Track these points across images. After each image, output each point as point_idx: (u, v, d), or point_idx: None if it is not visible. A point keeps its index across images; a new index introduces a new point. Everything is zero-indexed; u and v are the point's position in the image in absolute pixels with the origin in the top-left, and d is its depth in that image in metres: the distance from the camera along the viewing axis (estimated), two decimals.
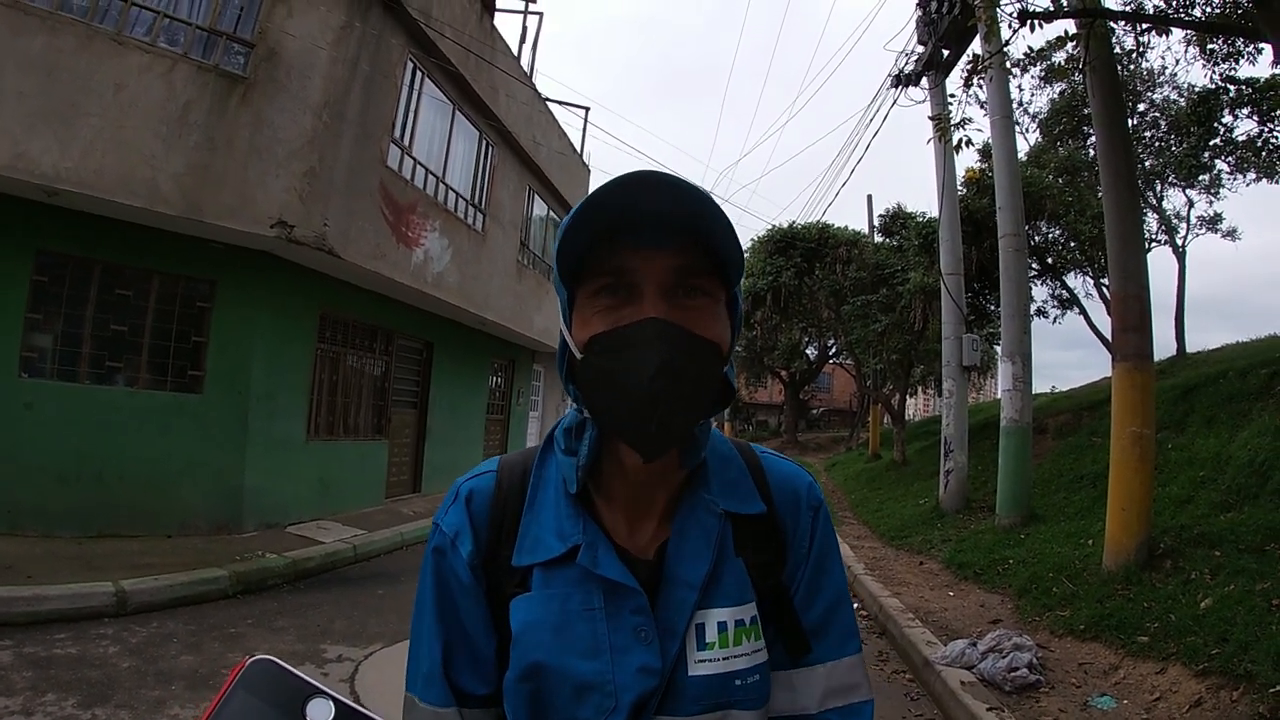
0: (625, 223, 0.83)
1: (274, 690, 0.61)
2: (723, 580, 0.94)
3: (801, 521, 1.01)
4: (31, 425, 7.20)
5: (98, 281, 7.63)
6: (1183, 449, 8.12)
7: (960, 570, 7.85)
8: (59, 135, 6.70)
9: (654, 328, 0.83)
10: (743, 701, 0.91)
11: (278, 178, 7.72)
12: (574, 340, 0.89)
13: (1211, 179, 16.11)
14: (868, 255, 18.34)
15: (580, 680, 0.89)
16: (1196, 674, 4.28)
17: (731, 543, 0.96)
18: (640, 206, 0.81)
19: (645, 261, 0.85)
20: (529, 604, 0.92)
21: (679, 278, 0.86)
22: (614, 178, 0.81)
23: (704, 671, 0.90)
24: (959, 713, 4.53)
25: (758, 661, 0.92)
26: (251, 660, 0.62)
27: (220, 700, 0.60)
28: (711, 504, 0.96)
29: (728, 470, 1.00)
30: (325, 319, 9.84)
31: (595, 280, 0.87)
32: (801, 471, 1.06)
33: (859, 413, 31.71)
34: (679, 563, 0.93)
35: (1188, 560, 5.69)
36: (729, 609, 0.93)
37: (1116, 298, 6.62)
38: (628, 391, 0.84)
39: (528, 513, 0.97)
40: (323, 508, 9.79)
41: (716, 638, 0.91)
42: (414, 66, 9.88)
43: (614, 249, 0.85)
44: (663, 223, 0.83)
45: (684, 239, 0.85)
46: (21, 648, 4.71)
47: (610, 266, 0.86)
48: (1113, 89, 6.75)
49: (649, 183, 0.80)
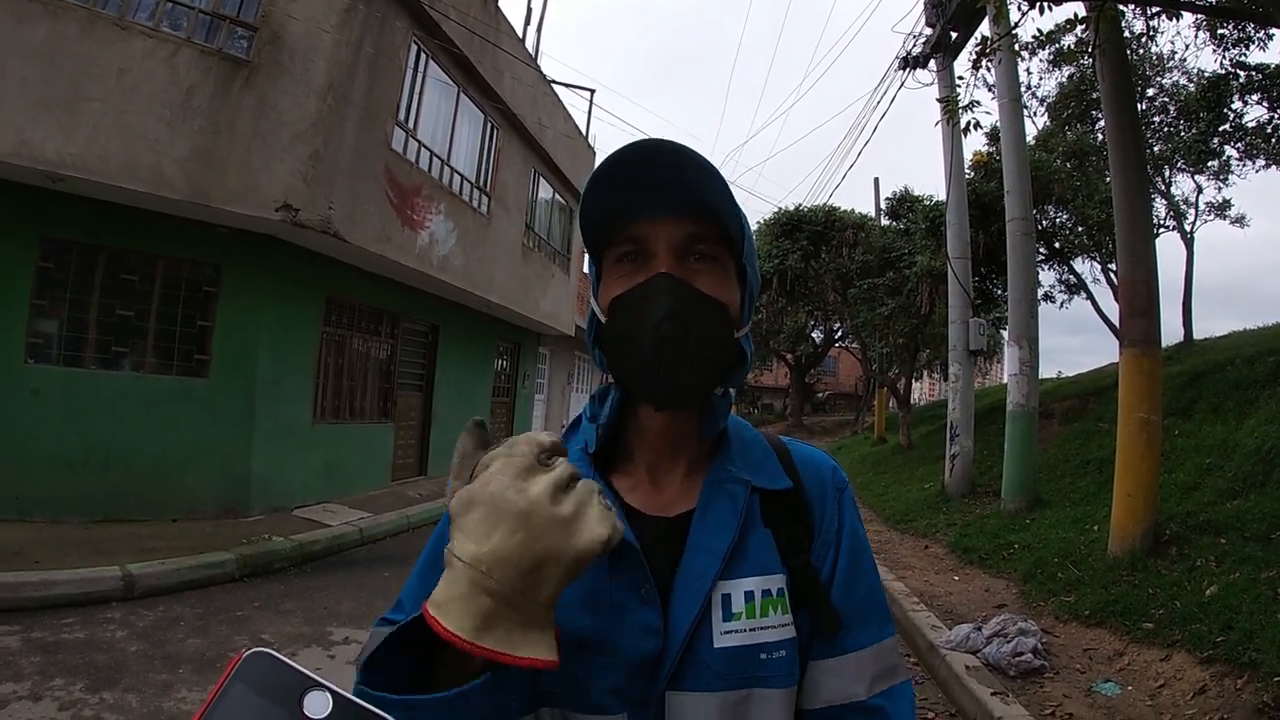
0: (637, 192, 0.88)
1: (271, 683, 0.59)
2: (749, 550, 0.94)
3: (828, 502, 1.02)
4: (38, 411, 7.23)
5: (103, 267, 7.63)
6: (1189, 436, 8.10)
7: (965, 555, 7.87)
8: (63, 122, 6.68)
9: (664, 280, 0.89)
10: (769, 679, 0.90)
11: (282, 161, 7.70)
12: (600, 307, 0.95)
13: (1220, 165, 15.99)
14: (874, 238, 18.25)
15: (578, 635, 0.87)
16: (1201, 661, 4.29)
17: (759, 514, 0.97)
18: (649, 171, 0.87)
19: (658, 228, 0.91)
20: None
21: (689, 243, 0.92)
22: (622, 146, 0.87)
23: (730, 644, 0.89)
24: (963, 697, 4.55)
25: (785, 636, 0.92)
26: (248, 653, 0.61)
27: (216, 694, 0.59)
28: (737, 475, 0.98)
29: (753, 451, 1.03)
30: (331, 302, 9.84)
31: (616, 249, 0.94)
32: (827, 456, 1.09)
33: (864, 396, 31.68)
34: (702, 530, 0.94)
35: (1193, 547, 5.69)
36: (757, 578, 0.93)
37: (1124, 283, 6.59)
38: (640, 338, 0.89)
39: None
40: (329, 491, 9.83)
41: (744, 608, 0.91)
42: (418, 49, 9.83)
43: (632, 219, 0.91)
44: (670, 191, 0.88)
45: (692, 208, 0.90)
46: (30, 632, 4.74)
47: (628, 235, 0.92)
48: (1122, 73, 6.69)
49: (657, 150, 0.85)
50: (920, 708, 4.63)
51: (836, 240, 19.09)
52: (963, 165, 11.46)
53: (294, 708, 0.58)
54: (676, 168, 0.86)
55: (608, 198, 0.89)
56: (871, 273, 17.40)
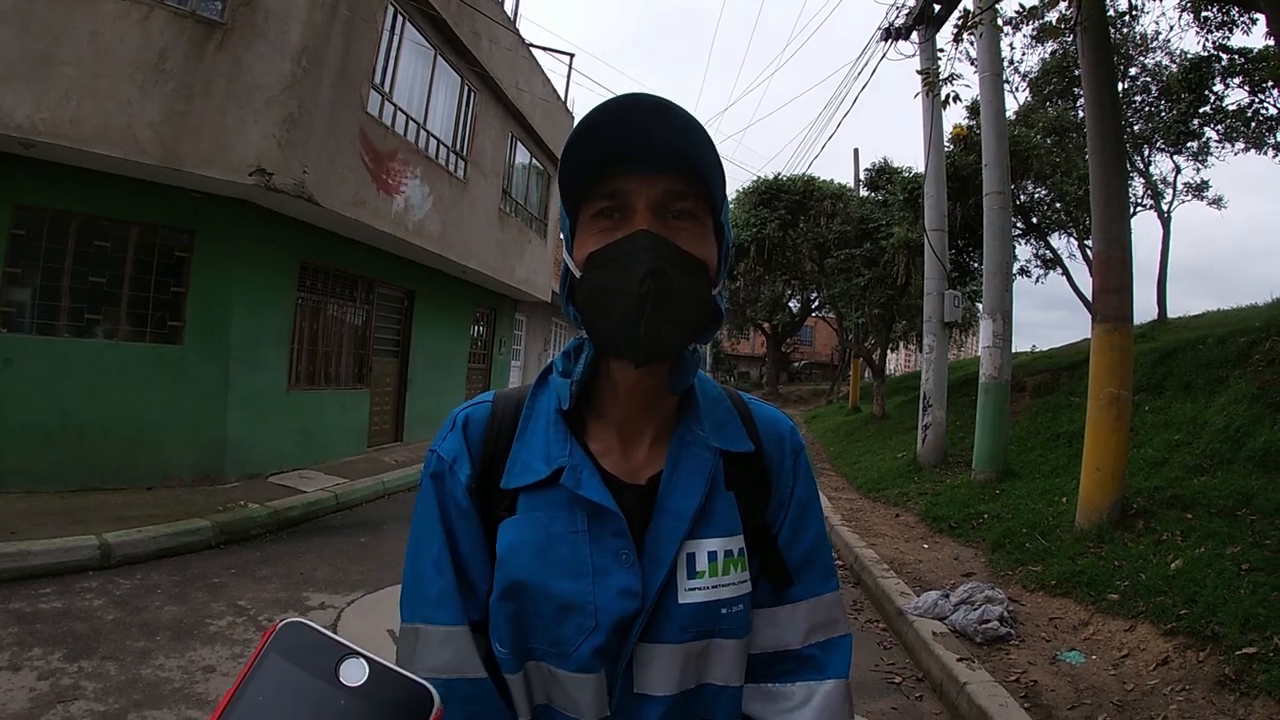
0: (619, 147, 0.89)
1: (306, 653, 0.60)
2: (714, 512, 0.98)
3: (785, 462, 1.07)
4: (12, 381, 7.14)
5: (75, 234, 7.50)
6: (1159, 412, 8.23)
7: (935, 523, 7.98)
8: (34, 87, 6.54)
9: (645, 238, 0.89)
10: (727, 630, 0.95)
11: (256, 125, 7.58)
12: (574, 261, 0.95)
13: (1200, 146, 16.10)
14: (852, 209, 18.27)
15: (561, 600, 0.91)
16: (1164, 633, 4.39)
17: (723, 478, 1.00)
18: (631, 126, 0.87)
19: (638, 184, 0.91)
20: (514, 526, 0.95)
21: (667, 199, 0.91)
22: (606, 100, 0.87)
23: (694, 599, 0.94)
24: (930, 662, 4.64)
25: (742, 592, 0.97)
26: (283, 623, 0.62)
27: (252, 665, 0.60)
28: (705, 439, 1.00)
29: (717, 411, 1.05)
30: (306, 268, 9.74)
31: (594, 204, 0.93)
32: (784, 416, 1.13)
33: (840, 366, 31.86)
34: (671, 494, 0.97)
35: (1159, 521, 5.81)
36: (720, 539, 0.97)
37: (1098, 259, 6.65)
38: (620, 295, 0.89)
39: (519, 440, 1.00)
40: (305, 457, 9.80)
41: (707, 566, 0.95)
42: (395, 11, 9.66)
43: (609, 175, 0.91)
44: (652, 147, 0.88)
45: (673, 164, 0.90)
46: (7, 604, 4.72)
47: (606, 190, 0.92)
48: (1104, 51, 6.71)
49: (639, 104, 0.86)
50: (888, 672, 4.73)
51: (815, 210, 19.08)
52: (942, 138, 11.47)
53: (330, 676, 0.59)
54: (660, 123, 0.87)
55: (589, 151, 0.89)
56: (849, 243, 17.43)
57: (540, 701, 0.95)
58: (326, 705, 0.59)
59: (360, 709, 0.59)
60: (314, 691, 0.59)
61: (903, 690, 4.50)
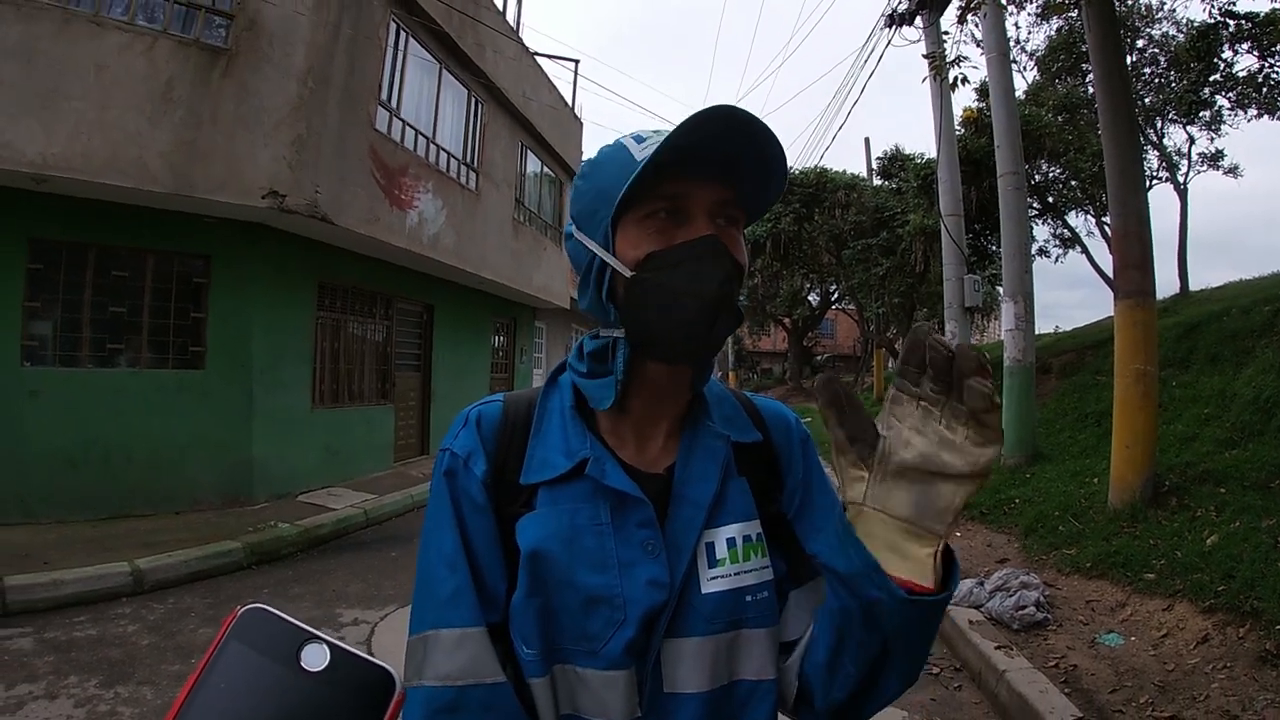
0: (695, 153, 0.88)
1: (267, 638, 0.60)
2: (729, 499, 0.98)
3: (794, 450, 1.09)
4: (38, 413, 7.23)
5: (93, 265, 7.59)
6: (1187, 386, 8.12)
7: (966, 510, 7.84)
8: (43, 121, 6.61)
9: (714, 243, 0.91)
10: (754, 619, 0.95)
11: (266, 148, 7.64)
12: (622, 260, 0.93)
13: (1212, 115, 15.84)
14: (867, 199, 18.20)
15: (589, 593, 0.90)
16: (1203, 611, 4.32)
17: (735, 465, 1.01)
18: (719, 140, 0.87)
19: (699, 189, 0.92)
20: (537, 521, 0.93)
21: (721, 208, 0.94)
22: (704, 110, 0.85)
23: (717, 588, 0.94)
24: (968, 651, 4.60)
25: (765, 578, 0.97)
26: (243, 610, 0.62)
27: (213, 652, 0.60)
28: (715, 430, 1.02)
29: (724, 406, 1.07)
30: (324, 287, 9.81)
31: (648, 205, 0.92)
32: (787, 408, 1.15)
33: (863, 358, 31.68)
34: (686, 483, 0.97)
35: (1193, 497, 5.72)
36: (737, 525, 0.97)
37: (1117, 235, 6.57)
38: (693, 298, 0.90)
39: (534, 437, 0.99)
40: (332, 475, 9.86)
41: (727, 554, 0.95)
42: (398, 27, 9.72)
43: (665, 178, 0.90)
44: (731, 161, 0.90)
45: (732, 175, 0.92)
46: (42, 633, 4.77)
47: (666, 192, 0.91)
48: (1110, 24, 6.62)
49: (739, 120, 0.86)
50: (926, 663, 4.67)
51: (829, 202, 19.02)
52: (952, 122, 11.37)
53: (292, 661, 0.59)
54: (752, 139, 0.88)
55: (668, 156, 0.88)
56: (865, 233, 17.36)
57: (566, 711, 0.91)
58: (288, 690, 0.59)
59: (321, 693, 0.59)
60: (275, 677, 0.59)
61: (941, 681, 4.47)
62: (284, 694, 0.59)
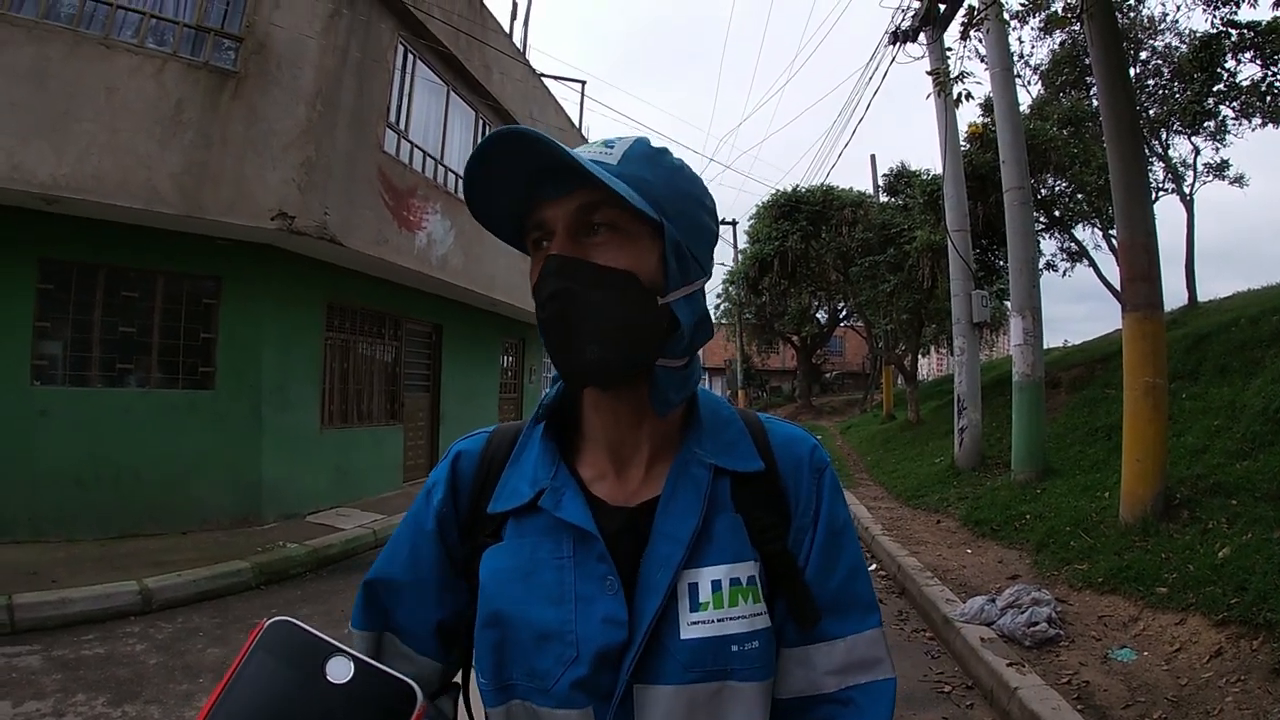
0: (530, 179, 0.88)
1: (293, 650, 0.62)
2: (716, 536, 0.91)
3: (804, 483, 0.97)
4: (47, 432, 7.29)
5: (103, 285, 7.67)
6: (1196, 398, 8.07)
7: (977, 527, 7.86)
8: (54, 143, 6.70)
9: (552, 263, 0.87)
10: (741, 671, 0.87)
11: (275, 170, 7.71)
12: None
13: (1217, 125, 15.91)
14: (873, 216, 18.20)
15: (541, 628, 0.87)
16: (1216, 624, 4.27)
17: (729, 499, 0.93)
18: (513, 162, 0.86)
19: (553, 208, 0.87)
20: (499, 552, 0.93)
21: (582, 216, 0.87)
22: (476, 148, 0.86)
23: (697, 634, 0.86)
24: (980, 669, 4.55)
25: (758, 626, 0.89)
26: (270, 622, 0.63)
27: (240, 662, 0.61)
28: (701, 458, 0.94)
29: (726, 431, 0.99)
30: (333, 308, 9.87)
31: (532, 234, 0.91)
32: (806, 435, 1.03)
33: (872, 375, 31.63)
34: (666, 517, 0.90)
35: (1204, 510, 5.67)
36: (724, 566, 0.89)
37: (1124, 247, 6.55)
38: (541, 324, 0.89)
39: (511, 465, 0.98)
40: (341, 495, 9.88)
41: (711, 597, 0.88)
42: (405, 50, 9.82)
43: (535, 204, 0.89)
44: (541, 171, 0.87)
45: (577, 181, 0.86)
46: (50, 651, 4.79)
47: (533, 222, 0.90)
48: (1112, 36, 6.65)
49: (513, 136, 0.83)
50: (936, 682, 4.64)
51: (836, 219, 19.03)
52: (957, 138, 11.41)
53: (317, 673, 0.60)
54: (523, 149, 0.84)
55: (503, 188, 0.89)
56: (872, 250, 17.34)
57: None
58: (312, 701, 0.60)
59: (345, 705, 0.60)
60: (300, 688, 0.60)
61: (953, 699, 4.42)
62: (308, 705, 0.60)
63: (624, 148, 0.90)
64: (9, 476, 7.10)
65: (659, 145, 0.94)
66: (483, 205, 0.91)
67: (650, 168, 0.90)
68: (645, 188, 0.88)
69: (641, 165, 0.89)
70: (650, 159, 0.91)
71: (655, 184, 0.89)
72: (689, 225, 0.92)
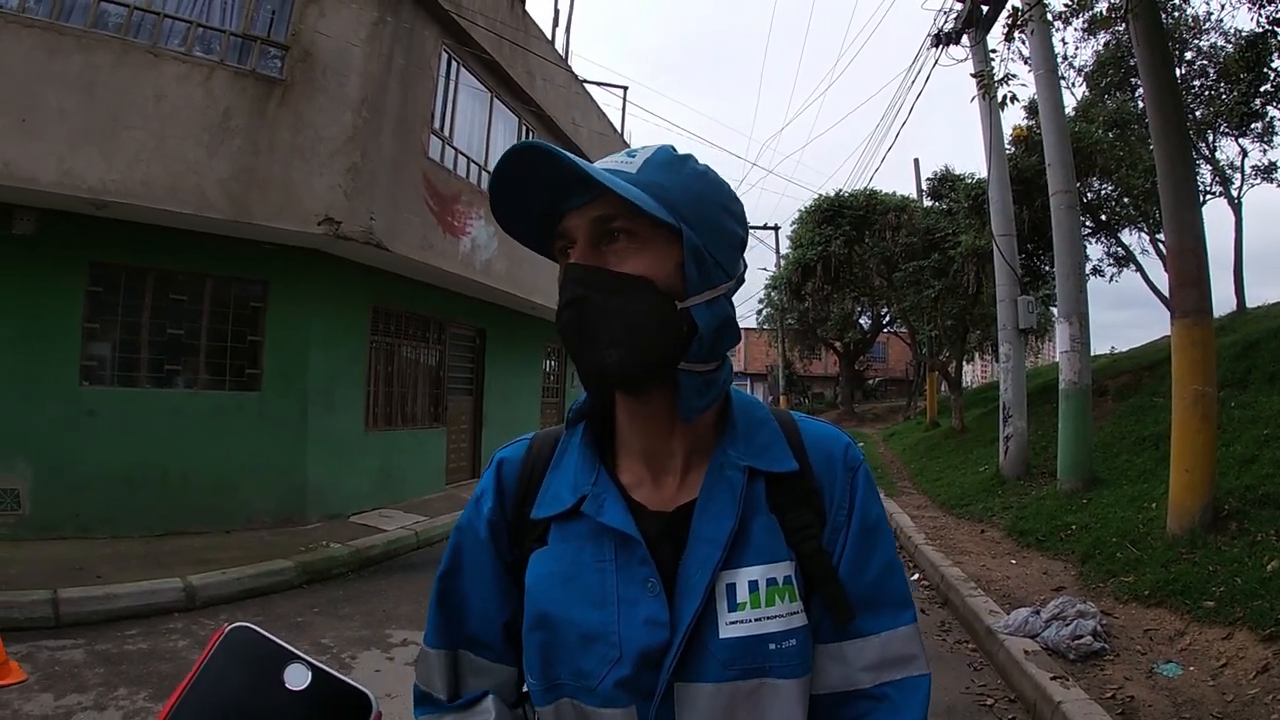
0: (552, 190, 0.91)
1: (253, 656, 0.64)
2: (753, 537, 0.93)
3: (838, 481, 0.99)
4: (95, 432, 7.47)
5: (152, 288, 7.85)
6: (1246, 407, 7.88)
7: (1022, 537, 7.74)
8: (103, 149, 6.87)
9: (572, 271, 0.91)
10: (779, 669, 0.90)
11: (322, 176, 7.84)
12: None
13: (1264, 126, 15.51)
14: (917, 220, 17.97)
15: (586, 630, 0.90)
16: (1263, 639, 4.18)
17: (764, 500, 0.95)
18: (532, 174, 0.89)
19: (575, 218, 0.91)
20: (544, 557, 0.96)
21: (601, 225, 0.90)
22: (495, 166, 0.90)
23: (735, 634, 0.89)
24: (1023, 682, 4.49)
25: (795, 625, 0.91)
26: (230, 627, 0.65)
27: (200, 665, 0.63)
28: (735, 460, 0.96)
29: (760, 433, 1.00)
30: (377, 311, 10.00)
31: (555, 246, 0.96)
32: (840, 433, 1.05)
33: (915, 381, 31.27)
34: (703, 520, 0.93)
35: (1253, 521, 5.54)
36: (760, 566, 0.92)
37: (1172, 252, 6.43)
38: (562, 332, 0.92)
39: (552, 471, 1.01)
40: (384, 496, 10.00)
41: (748, 597, 0.91)
42: (449, 57, 9.93)
43: (560, 215, 0.92)
44: (561, 183, 0.90)
45: (597, 191, 0.88)
46: (94, 645, 4.89)
47: (559, 231, 0.93)
48: (1157, 36, 6.52)
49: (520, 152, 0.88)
50: (979, 694, 4.58)
51: (879, 224, 18.83)
52: (1002, 141, 11.26)
53: (275, 679, 0.62)
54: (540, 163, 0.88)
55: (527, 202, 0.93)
56: (916, 255, 17.14)
57: None
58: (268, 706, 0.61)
59: (302, 712, 0.62)
60: (258, 693, 0.62)
61: (995, 712, 4.36)
62: (264, 710, 0.62)
63: (645, 156, 0.93)
64: (58, 475, 7.28)
65: (684, 153, 0.96)
66: (508, 219, 0.95)
67: (669, 174, 0.91)
68: (663, 194, 0.90)
69: (660, 172, 0.91)
70: (670, 165, 0.92)
71: (673, 190, 0.91)
72: (710, 230, 0.93)
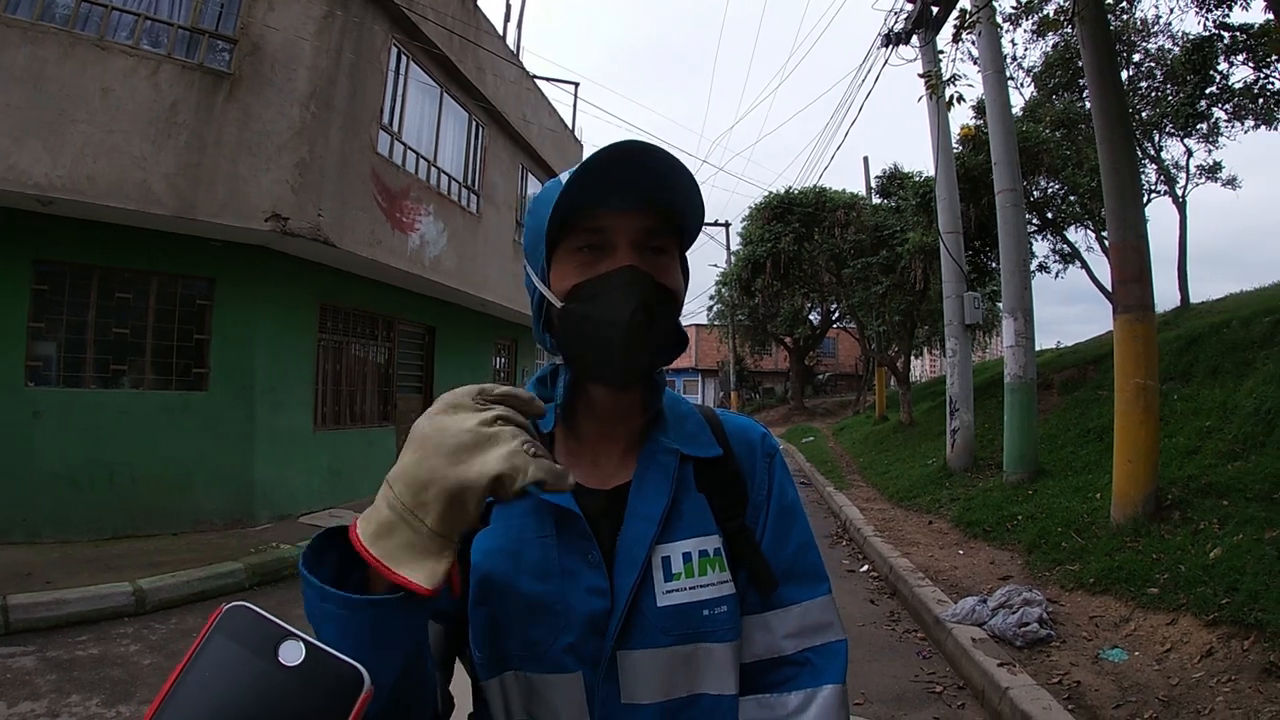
0: (609, 187, 0.93)
1: (249, 634, 0.65)
2: (684, 514, 1.01)
3: (758, 466, 1.10)
4: (42, 433, 7.27)
5: (97, 286, 7.65)
6: (1188, 399, 8.12)
7: (969, 528, 7.89)
8: (49, 144, 6.69)
9: (632, 273, 0.95)
10: (713, 633, 0.97)
11: (269, 171, 7.70)
12: (554, 292, 0.99)
13: (1209, 127, 15.94)
14: (866, 217, 18.18)
15: (532, 600, 0.95)
16: (1207, 624, 4.30)
17: (693, 481, 1.04)
18: (625, 173, 0.91)
19: (619, 221, 0.95)
20: (487, 535, 0.98)
21: (646, 237, 0.97)
22: (605, 146, 0.90)
23: (672, 601, 0.96)
24: (971, 669, 4.57)
25: (724, 593, 0.99)
26: (228, 606, 0.66)
27: (198, 645, 0.64)
28: (667, 446, 1.04)
29: (686, 424, 1.09)
30: (326, 309, 9.86)
31: (575, 239, 0.97)
32: (756, 424, 1.17)
33: (864, 376, 31.68)
34: (639, 498, 1.00)
35: (1196, 510, 5.71)
36: (693, 540, 1.00)
37: (1115, 249, 6.59)
38: (611, 326, 0.94)
39: None
40: (334, 497, 9.87)
41: (683, 568, 0.98)
42: (399, 52, 9.82)
43: (591, 211, 0.95)
44: (638, 189, 0.93)
45: (652, 204, 0.95)
46: (44, 652, 4.78)
47: (591, 226, 0.96)
48: (1104, 39, 6.68)
49: (635, 151, 0.89)
50: (928, 682, 4.66)
51: (828, 221, 19.01)
52: (950, 140, 11.43)
53: (270, 656, 0.64)
54: (654, 168, 0.91)
55: (579, 196, 0.93)
56: (865, 252, 17.34)
57: (520, 719, 0.96)
58: (266, 682, 0.63)
59: (297, 686, 0.63)
60: (255, 670, 0.64)
61: (944, 700, 4.43)
62: (262, 685, 0.63)
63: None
64: (4, 478, 7.09)
65: None
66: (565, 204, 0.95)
67: (699, 204, 0.97)
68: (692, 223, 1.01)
69: (697, 201, 0.97)
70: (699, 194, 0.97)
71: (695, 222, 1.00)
72: (692, 240, 1.04)
